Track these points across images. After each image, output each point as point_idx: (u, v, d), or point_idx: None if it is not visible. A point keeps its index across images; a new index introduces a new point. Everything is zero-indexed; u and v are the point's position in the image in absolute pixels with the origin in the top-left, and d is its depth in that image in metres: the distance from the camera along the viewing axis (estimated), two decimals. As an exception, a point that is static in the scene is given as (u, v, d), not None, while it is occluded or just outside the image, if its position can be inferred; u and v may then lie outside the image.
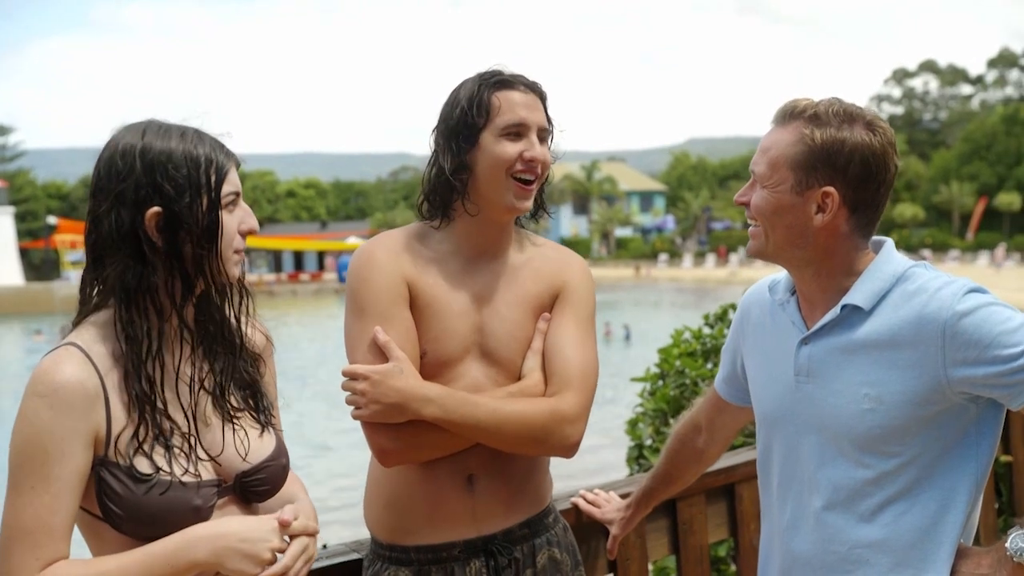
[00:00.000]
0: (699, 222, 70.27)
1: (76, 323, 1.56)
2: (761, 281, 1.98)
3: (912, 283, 1.69)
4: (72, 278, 46.16)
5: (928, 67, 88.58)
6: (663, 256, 65.40)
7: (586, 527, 2.44)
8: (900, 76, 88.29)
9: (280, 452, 1.68)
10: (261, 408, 1.70)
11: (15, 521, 1.43)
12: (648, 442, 3.84)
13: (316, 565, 2.13)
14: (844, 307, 1.72)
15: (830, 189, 1.69)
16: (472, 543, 1.98)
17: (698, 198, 71.64)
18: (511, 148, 1.93)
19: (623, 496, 2.44)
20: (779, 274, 1.92)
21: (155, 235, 1.53)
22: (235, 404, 1.65)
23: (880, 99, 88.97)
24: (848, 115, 1.71)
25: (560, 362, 1.97)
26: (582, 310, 2.06)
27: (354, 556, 2.15)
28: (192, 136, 1.57)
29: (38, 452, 1.43)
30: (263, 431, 1.68)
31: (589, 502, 2.45)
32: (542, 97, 2.02)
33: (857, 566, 1.73)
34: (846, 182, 1.69)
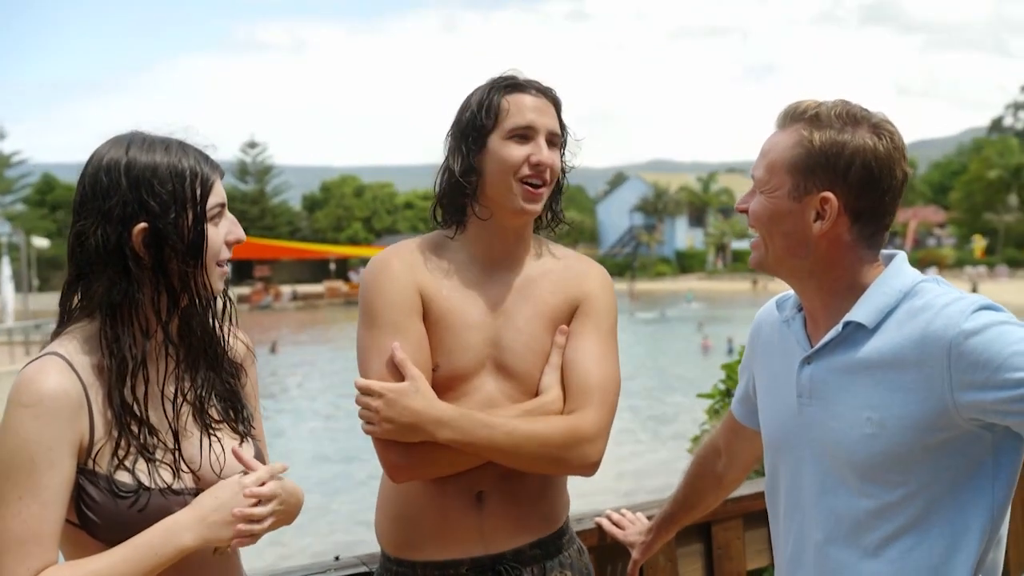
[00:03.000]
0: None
1: (56, 334, 1.57)
2: (775, 297, 1.87)
3: (919, 299, 1.57)
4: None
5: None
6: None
7: (610, 548, 2.37)
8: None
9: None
10: (241, 419, 1.70)
11: (4, 531, 1.44)
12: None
13: (328, 577, 2.13)
14: (846, 324, 1.60)
15: (828, 195, 1.59)
16: (479, 561, 1.93)
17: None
18: (517, 151, 1.90)
19: (651, 518, 2.35)
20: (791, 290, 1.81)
21: (142, 251, 1.53)
22: (215, 416, 1.65)
23: (1017, 107, 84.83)
24: (852, 117, 1.60)
25: (579, 378, 1.92)
26: (603, 323, 2.00)
27: (363, 569, 2.13)
28: (176, 149, 1.57)
29: (25, 462, 1.44)
30: (242, 441, 1.68)
31: (614, 522, 2.37)
32: (555, 103, 1.98)
33: None
34: (847, 188, 1.58)
